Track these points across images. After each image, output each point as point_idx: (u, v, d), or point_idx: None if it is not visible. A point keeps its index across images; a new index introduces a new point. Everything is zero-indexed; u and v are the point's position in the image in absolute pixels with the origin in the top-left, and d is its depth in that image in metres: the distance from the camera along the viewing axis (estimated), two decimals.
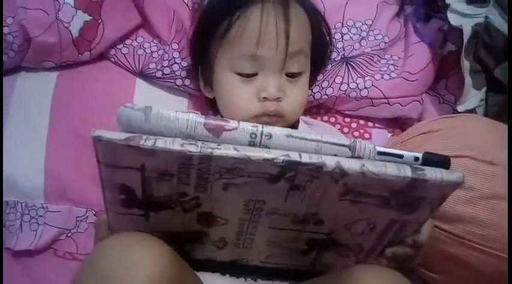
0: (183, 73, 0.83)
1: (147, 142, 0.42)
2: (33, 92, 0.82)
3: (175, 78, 0.84)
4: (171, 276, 0.46)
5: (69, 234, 0.79)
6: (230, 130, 0.45)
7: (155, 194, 0.46)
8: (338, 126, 0.88)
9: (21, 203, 0.78)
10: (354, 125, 0.89)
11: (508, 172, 0.65)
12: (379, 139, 0.88)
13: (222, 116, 0.76)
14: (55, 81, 0.83)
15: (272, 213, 0.50)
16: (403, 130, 0.88)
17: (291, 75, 0.71)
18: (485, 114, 0.83)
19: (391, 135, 0.88)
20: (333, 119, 0.90)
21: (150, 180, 0.45)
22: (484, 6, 0.83)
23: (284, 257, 0.56)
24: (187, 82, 0.84)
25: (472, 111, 0.83)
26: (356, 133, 0.89)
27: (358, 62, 0.86)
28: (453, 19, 0.83)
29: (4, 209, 0.78)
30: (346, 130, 0.89)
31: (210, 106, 0.84)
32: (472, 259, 0.66)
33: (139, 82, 0.86)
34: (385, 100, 0.86)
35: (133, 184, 0.45)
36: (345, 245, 0.55)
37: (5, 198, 0.78)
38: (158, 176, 0.44)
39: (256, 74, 0.70)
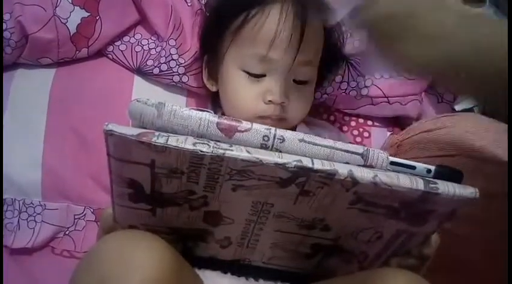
0: (181, 70, 0.82)
1: (160, 139, 0.41)
2: (31, 89, 0.81)
3: (173, 75, 0.83)
4: (170, 276, 0.45)
5: (66, 232, 0.78)
6: (243, 131, 0.45)
7: (163, 190, 0.46)
8: (338, 125, 0.88)
9: (19, 201, 0.77)
10: (353, 124, 0.89)
11: (507, 171, 0.65)
12: (379, 137, 0.88)
13: (223, 111, 0.75)
14: (52, 77, 0.82)
15: (279, 216, 0.49)
16: (402, 129, 0.87)
17: (298, 82, 0.70)
18: (483, 113, 0.83)
19: (391, 134, 0.88)
20: (332, 118, 0.89)
21: (160, 176, 0.45)
22: (480, 5, 0.83)
23: (287, 259, 0.56)
24: (184, 79, 0.83)
25: (469, 110, 0.83)
26: (355, 132, 0.89)
27: (358, 61, 0.85)
28: None
29: None
30: (345, 128, 0.89)
31: (211, 101, 0.84)
32: (472, 259, 0.66)
33: (138, 79, 0.85)
34: (385, 99, 0.86)
35: (142, 179, 0.45)
36: (350, 252, 0.54)
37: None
38: (168, 173, 0.44)
39: (264, 75, 0.69)
